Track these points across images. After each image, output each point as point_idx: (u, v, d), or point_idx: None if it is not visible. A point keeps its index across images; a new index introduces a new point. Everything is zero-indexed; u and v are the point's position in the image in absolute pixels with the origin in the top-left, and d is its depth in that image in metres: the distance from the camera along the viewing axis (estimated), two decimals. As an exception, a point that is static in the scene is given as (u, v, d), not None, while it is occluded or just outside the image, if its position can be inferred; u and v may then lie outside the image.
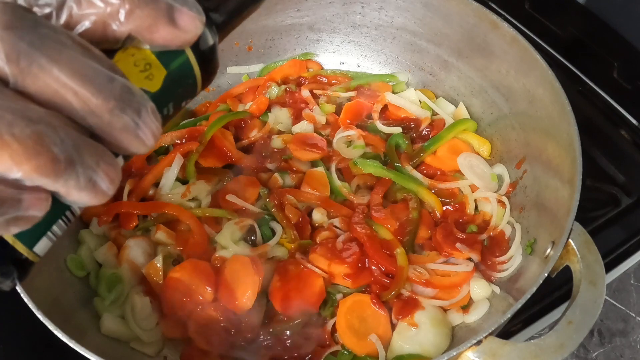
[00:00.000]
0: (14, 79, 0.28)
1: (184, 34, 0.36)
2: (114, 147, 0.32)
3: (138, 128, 0.31)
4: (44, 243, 0.34)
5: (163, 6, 0.34)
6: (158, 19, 0.34)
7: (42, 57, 0.28)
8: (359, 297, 0.81)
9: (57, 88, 0.29)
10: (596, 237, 0.70)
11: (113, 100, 0.30)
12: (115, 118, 0.30)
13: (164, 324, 0.81)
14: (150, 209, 0.88)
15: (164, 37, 0.35)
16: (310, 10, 1.08)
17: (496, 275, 0.84)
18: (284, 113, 1.03)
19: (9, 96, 0.28)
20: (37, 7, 0.32)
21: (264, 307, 0.82)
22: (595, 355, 0.90)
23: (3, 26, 0.28)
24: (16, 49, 0.28)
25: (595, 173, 1.06)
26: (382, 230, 0.86)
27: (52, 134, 0.28)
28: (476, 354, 0.63)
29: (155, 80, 0.37)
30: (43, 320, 0.65)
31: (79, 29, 0.33)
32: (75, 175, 0.29)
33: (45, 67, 0.28)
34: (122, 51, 0.35)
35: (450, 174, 0.94)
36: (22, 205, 0.29)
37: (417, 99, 1.03)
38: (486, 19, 0.91)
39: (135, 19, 0.33)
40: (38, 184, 0.29)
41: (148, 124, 0.32)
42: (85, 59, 0.30)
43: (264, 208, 0.90)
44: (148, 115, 0.32)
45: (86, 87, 0.29)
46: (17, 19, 0.28)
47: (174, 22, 0.35)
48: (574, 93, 1.16)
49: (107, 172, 0.30)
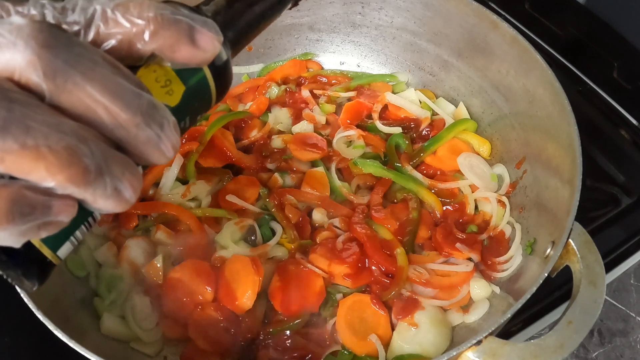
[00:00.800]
0: (50, 94, 0.30)
1: (203, 53, 0.38)
2: (137, 158, 0.34)
3: (160, 141, 0.34)
4: (66, 247, 0.36)
5: (185, 27, 0.36)
6: (180, 40, 0.36)
7: (77, 74, 0.30)
8: (359, 297, 0.81)
9: (89, 103, 0.31)
10: (596, 237, 0.70)
11: (140, 115, 0.32)
12: (141, 132, 0.32)
13: (164, 324, 0.81)
14: (150, 209, 0.88)
15: (185, 56, 0.37)
16: (310, 10, 1.08)
17: (496, 275, 0.84)
18: (284, 113, 1.03)
19: (45, 111, 0.30)
20: (65, 24, 0.34)
21: (264, 307, 0.82)
22: (595, 355, 0.90)
23: (41, 45, 0.30)
24: (53, 67, 0.30)
25: (595, 173, 1.06)
26: (382, 230, 0.86)
27: (83, 147, 0.30)
28: (476, 354, 0.63)
29: (174, 96, 0.39)
30: (43, 320, 0.65)
31: (106, 47, 0.35)
32: (103, 185, 0.31)
33: (79, 83, 0.30)
34: (144, 67, 0.37)
35: (450, 174, 0.94)
36: (52, 211, 0.31)
37: (417, 99, 1.03)
38: (486, 19, 0.91)
39: (158, 39, 0.35)
40: (68, 192, 0.31)
41: (169, 137, 0.34)
42: (115, 76, 0.32)
43: (264, 208, 0.90)
44: (170, 129, 0.34)
45: (116, 102, 0.31)
46: (54, 38, 0.30)
47: (194, 42, 0.37)
48: (574, 93, 1.16)
49: (131, 182, 0.33)
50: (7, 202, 0.29)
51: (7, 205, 0.29)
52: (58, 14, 0.34)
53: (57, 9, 0.34)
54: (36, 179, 0.29)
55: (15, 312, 0.68)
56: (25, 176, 0.29)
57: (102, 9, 0.34)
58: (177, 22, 0.36)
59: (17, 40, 0.29)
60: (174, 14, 0.36)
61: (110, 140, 0.32)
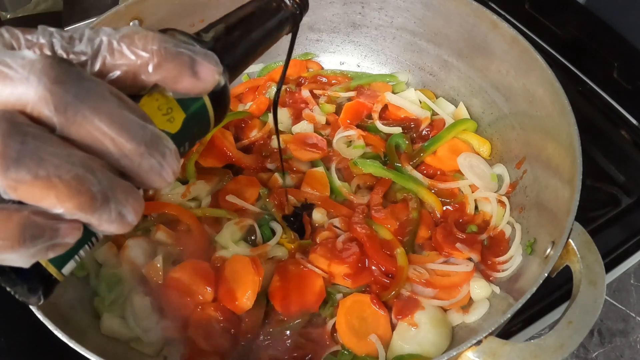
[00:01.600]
0: (61, 127, 0.32)
1: (203, 84, 0.40)
2: (139, 183, 0.36)
3: (162, 169, 0.36)
4: (70, 265, 0.38)
5: (187, 59, 0.38)
6: (182, 72, 0.38)
7: (86, 108, 0.32)
8: (359, 297, 0.81)
9: (97, 135, 0.33)
10: (596, 237, 0.70)
11: (144, 146, 0.34)
12: (145, 161, 0.35)
13: (164, 324, 0.81)
14: (150, 209, 0.88)
15: (186, 87, 0.39)
16: (310, 10, 1.07)
17: (496, 275, 0.84)
18: (284, 113, 1.03)
19: (56, 143, 0.32)
20: (73, 54, 0.36)
21: (264, 307, 0.82)
22: (595, 355, 0.90)
23: (53, 81, 0.32)
24: (64, 101, 0.32)
25: (595, 173, 1.06)
26: (382, 230, 0.86)
27: (91, 176, 0.32)
28: (476, 354, 0.63)
29: (175, 123, 0.41)
30: (43, 320, 0.65)
31: (111, 77, 0.37)
32: (108, 211, 0.33)
33: (88, 117, 0.32)
34: (147, 96, 0.39)
35: (450, 174, 0.94)
36: (59, 234, 0.33)
37: (417, 99, 1.03)
38: (486, 19, 0.91)
39: (162, 71, 0.37)
40: (76, 217, 0.33)
41: (170, 164, 0.36)
42: (121, 110, 0.34)
43: (264, 208, 0.90)
44: (171, 157, 0.36)
45: (122, 135, 0.33)
46: (64, 74, 0.32)
47: (195, 74, 0.39)
48: (574, 93, 1.16)
49: (134, 207, 0.35)
50: (18, 226, 0.31)
51: (19, 230, 0.31)
52: (66, 43, 0.36)
53: (65, 39, 0.36)
54: (47, 205, 0.32)
55: (15, 312, 0.68)
56: (36, 203, 0.32)
57: (109, 40, 0.36)
58: (179, 55, 0.38)
59: (30, 75, 0.31)
60: (177, 46, 0.38)
61: (115, 167, 0.35)
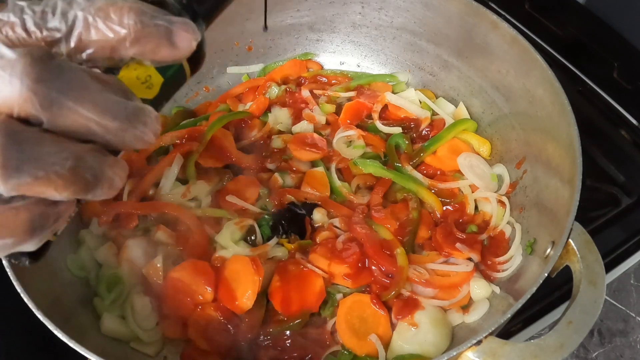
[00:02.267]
0: (48, 121, 0.34)
1: (181, 52, 0.40)
2: (123, 149, 0.38)
3: (144, 134, 0.37)
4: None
5: (163, 31, 0.38)
6: (160, 44, 0.38)
7: (69, 100, 0.34)
8: (359, 297, 0.81)
9: (82, 122, 0.34)
10: (596, 237, 0.70)
11: (127, 121, 0.36)
12: (128, 133, 0.36)
13: (164, 324, 0.81)
14: (150, 209, 0.88)
15: (164, 57, 0.39)
16: (310, 10, 1.08)
17: (496, 275, 0.84)
18: (284, 113, 1.03)
19: (48, 141, 0.34)
20: (46, 30, 0.36)
21: (264, 307, 0.82)
22: (595, 355, 0.90)
23: (35, 80, 0.32)
24: (48, 99, 0.33)
25: (595, 173, 1.06)
26: (382, 230, 0.86)
27: (82, 165, 0.34)
28: (476, 354, 0.63)
29: (154, 88, 0.41)
30: (43, 320, 0.65)
31: (88, 52, 0.37)
32: (100, 187, 0.36)
33: (72, 108, 0.34)
34: (125, 68, 0.40)
35: (450, 174, 0.94)
36: (60, 214, 0.36)
37: (417, 99, 1.03)
38: (486, 19, 0.91)
39: (139, 46, 0.38)
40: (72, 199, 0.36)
41: (152, 129, 0.38)
42: (102, 93, 0.35)
43: (264, 208, 0.90)
44: (152, 123, 0.38)
45: (106, 117, 0.35)
46: (45, 70, 0.33)
47: (173, 43, 0.39)
48: (574, 93, 1.16)
49: (120, 175, 0.37)
50: (27, 222, 0.34)
51: (28, 225, 0.34)
52: (38, 19, 0.36)
53: (37, 14, 0.36)
54: (46, 197, 0.34)
55: (15, 312, 0.68)
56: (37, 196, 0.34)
57: (84, 15, 0.36)
58: (156, 27, 0.38)
59: (12, 78, 0.32)
60: (153, 18, 0.38)
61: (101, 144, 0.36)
